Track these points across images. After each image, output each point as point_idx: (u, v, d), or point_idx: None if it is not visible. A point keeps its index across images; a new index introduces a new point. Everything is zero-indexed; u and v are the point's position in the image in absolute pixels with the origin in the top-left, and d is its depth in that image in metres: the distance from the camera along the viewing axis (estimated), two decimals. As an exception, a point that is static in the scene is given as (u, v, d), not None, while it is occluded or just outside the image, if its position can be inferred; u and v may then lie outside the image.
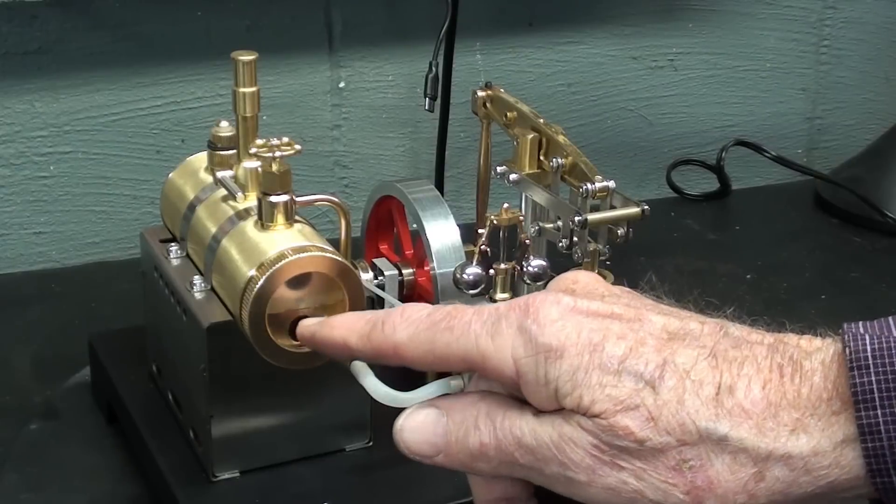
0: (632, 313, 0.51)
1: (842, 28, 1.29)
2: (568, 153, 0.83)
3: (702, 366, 0.48)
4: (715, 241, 1.13)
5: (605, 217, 0.79)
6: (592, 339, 0.49)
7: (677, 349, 0.49)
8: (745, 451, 0.47)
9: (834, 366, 0.48)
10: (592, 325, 0.50)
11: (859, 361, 0.46)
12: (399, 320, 0.53)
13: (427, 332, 0.52)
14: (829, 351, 0.49)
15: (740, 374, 0.48)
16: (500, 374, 0.50)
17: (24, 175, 1.04)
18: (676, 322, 0.50)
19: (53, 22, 1.01)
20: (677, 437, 0.48)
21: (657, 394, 0.48)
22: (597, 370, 0.48)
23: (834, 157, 1.29)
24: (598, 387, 0.48)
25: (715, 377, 0.48)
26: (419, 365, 0.53)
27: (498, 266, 0.75)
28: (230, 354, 0.66)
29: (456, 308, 0.52)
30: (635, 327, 0.50)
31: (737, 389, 0.48)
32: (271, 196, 0.65)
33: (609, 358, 0.49)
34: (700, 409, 0.48)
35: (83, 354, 0.83)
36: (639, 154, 1.25)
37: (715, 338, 0.50)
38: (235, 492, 0.68)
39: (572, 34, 1.18)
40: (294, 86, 1.10)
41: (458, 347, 0.51)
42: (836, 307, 0.99)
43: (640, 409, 0.48)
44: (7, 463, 0.76)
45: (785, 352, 0.49)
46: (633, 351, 0.49)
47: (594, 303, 0.51)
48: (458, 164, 1.15)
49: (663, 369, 0.48)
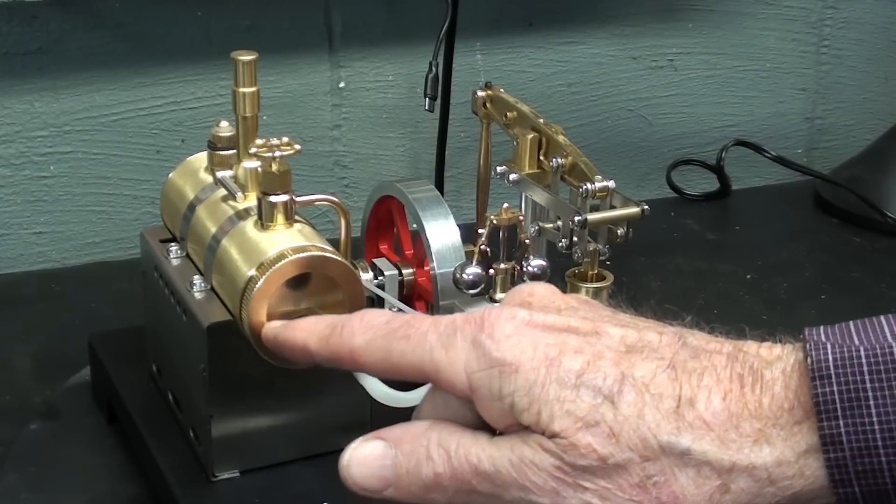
0: (589, 326, 0.50)
1: (842, 28, 1.29)
2: (568, 153, 0.83)
3: (661, 378, 0.48)
4: (715, 241, 1.13)
5: (605, 217, 0.79)
6: (549, 353, 0.49)
7: (636, 362, 0.48)
8: (708, 463, 0.47)
9: (795, 375, 0.47)
10: (548, 340, 0.49)
11: (821, 371, 0.46)
12: (358, 325, 0.53)
13: (383, 339, 0.52)
14: (789, 360, 0.48)
15: (700, 385, 0.48)
16: (453, 387, 0.50)
17: (24, 175, 1.04)
18: (634, 334, 0.50)
19: (53, 22, 1.01)
20: (639, 452, 0.47)
21: (617, 409, 0.47)
22: (554, 384, 0.48)
23: (834, 157, 1.29)
24: (556, 402, 0.48)
25: (675, 390, 0.48)
26: (374, 372, 0.53)
27: (498, 266, 0.75)
28: (230, 354, 0.66)
29: (415, 317, 0.52)
30: (592, 340, 0.49)
31: (697, 401, 0.47)
32: (271, 196, 0.65)
33: (566, 372, 0.48)
34: (661, 423, 0.47)
35: (83, 354, 0.83)
36: (639, 154, 1.25)
37: (673, 349, 0.49)
38: (235, 492, 0.68)
39: (572, 34, 1.19)
40: (294, 86, 1.10)
41: (413, 357, 0.51)
42: (836, 307, 0.99)
43: (601, 425, 0.47)
44: (7, 463, 0.76)
45: (745, 361, 0.48)
46: (590, 365, 0.48)
47: (550, 316, 0.50)
48: (458, 164, 1.15)
49: (622, 383, 0.48)
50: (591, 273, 0.80)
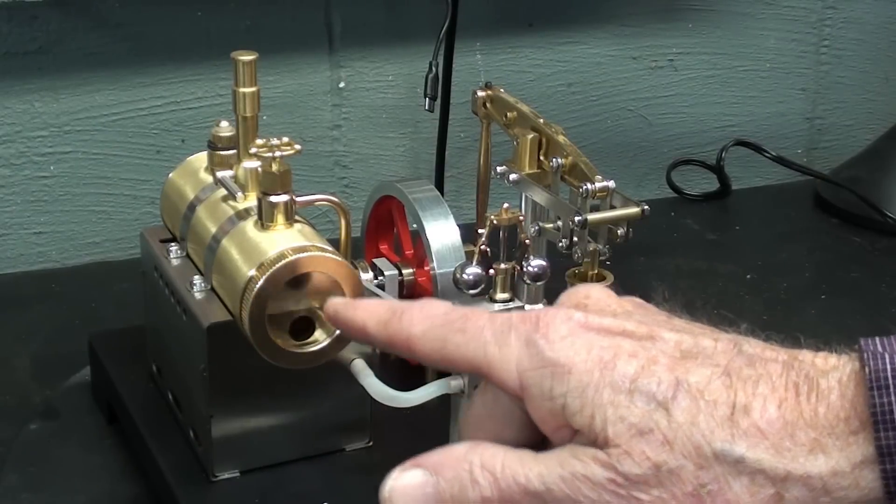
0: (644, 330, 0.50)
1: (842, 28, 1.29)
2: (568, 153, 0.83)
3: (716, 385, 0.47)
4: (715, 241, 1.13)
5: (605, 217, 0.79)
6: (603, 356, 0.48)
7: (690, 368, 0.48)
8: (762, 472, 0.46)
9: (851, 384, 0.47)
10: (603, 343, 0.49)
11: (879, 381, 0.45)
12: (417, 314, 0.52)
13: (441, 329, 0.51)
14: (845, 369, 0.47)
15: (755, 393, 0.47)
16: (504, 385, 0.50)
17: (24, 175, 1.04)
18: (689, 339, 0.49)
19: (53, 22, 1.01)
20: (693, 460, 0.46)
21: (671, 415, 0.47)
22: (608, 388, 0.47)
23: (834, 157, 1.29)
24: (609, 406, 0.47)
25: (729, 397, 0.47)
26: (429, 361, 0.53)
27: (498, 266, 0.75)
28: (230, 354, 0.66)
29: (473, 311, 0.52)
30: (647, 345, 0.49)
31: (752, 409, 0.47)
32: (271, 196, 0.65)
33: (620, 376, 0.48)
34: (715, 431, 0.46)
35: (83, 354, 0.83)
36: (639, 154, 1.25)
37: (729, 356, 0.49)
38: (235, 492, 0.68)
39: (572, 34, 1.18)
40: (294, 86, 1.10)
41: (467, 351, 0.51)
42: (836, 307, 0.99)
43: (655, 432, 0.47)
44: (7, 463, 0.76)
45: (800, 370, 0.48)
46: (644, 370, 0.48)
47: (605, 319, 0.50)
48: (458, 164, 1.15)
49: (676, 389, 0.47)
50: (591, 273, 0.79)
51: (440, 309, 0.52)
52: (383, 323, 0.54)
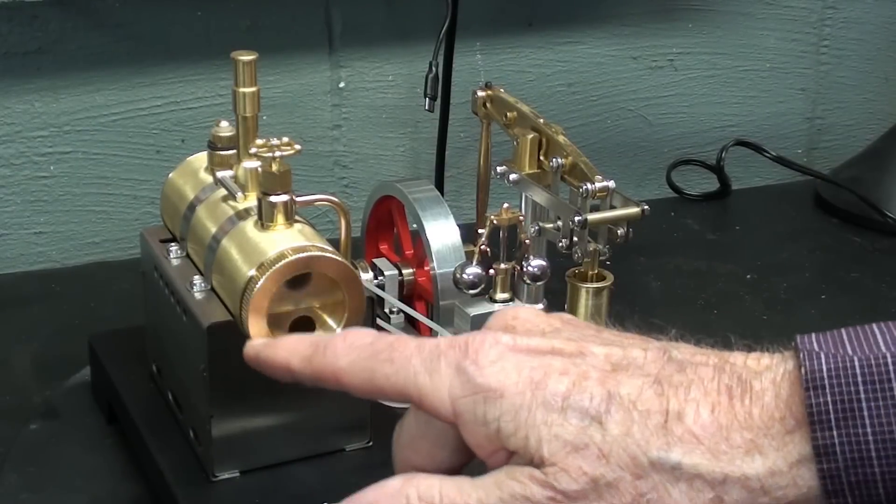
0: (573, 347, 0.50)
1: (842, 28, 1.29)
2: (568, 153, 0.83)
3: (647, 395, 0.47)
4: (715, 241, 1.13)
5: (605, 217, 0.79)
6: (534, 376, 0.48)
7: (622, 380, 0.48)
8: (700, 476, 0.46)
9: (786, 384, 0.47)
10: (533, 363, 0.49)
11: (815, 381, 0.45)
12: (341, 346, 0.52)
13: (367, 360, 0.51)
14: (778, 369, 0.47)
15: (687, 398, 0.47)
16: (437, 413, 0.50)
17: (24, 175, 1.04)
18: (619, 351, 0.49)
19: (53, 22, 1.01)
20: (630, 470, 0.46)
21: (605, 429, 0.47)
22: (540, 408, 0.48)
23: (834, 157, 1.29)
24: (543, 426, 0.47)
25: (662, 405, 0.47)
26: (359, 393, 0.52)
27: (498, 266, 0.75)
28: (230, 354, 0.66)
29: (399, 339, 0.52)
30: (577, 361, 0.49)
31: (685, 415, 0.47)
32: (271, 196, 0.65)
33: (552, 395, 0.48)
34: (650, 440, 0.47)
35: (83, 354, 0.83)
36: (639, 154, 1.25)
37: (659, 364, 0.49)
38: (235, 492, 0.68)
39: (572, 34, 1.19)
40: (294, 86, 1.10)
41: (397, 381, 0.50)
42: (836, 307, 0.99)
43: (590, 447, 0.47)
44: (7, 463, 0.76)
45: (732, 372, 0.48)
46: (576, 386, 0.48)
47: (534, 339, 0.50)
48: (458, 164, 1.15)
49: (609, 402, 0.47)
50: (591, 273, 0.79)
51: (365, 339, 0.52)
52: (307, 359, 0.53)
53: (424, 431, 0.53)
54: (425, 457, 0.53)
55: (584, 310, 0.78)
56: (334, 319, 0.65)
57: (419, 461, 0.54)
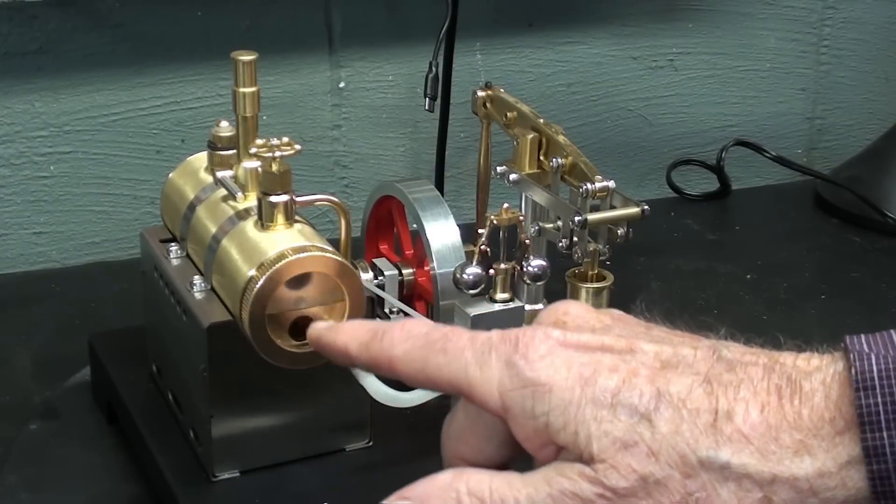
0: (623, 344, 0.50)
1: (842, 28, 1.29)
2: (568, 153, 0.83)
3: (697, 393, 0.47)
4: (715, 241, 1.13)
5: (604, 217, 0.79)
6: (583, 372, 0.48)
7: (671, 378, 0.48)
8: (749, 476, 0.46)
9: (835, 385, 0.47)
10: (583, 359, 0.49)
11: (865, 382, 0.45)
12: (398, 334, 0.53)
13: (422, 349, 0.52)
14: (828, 370, 0.47)
15: (737, 398, 0.47)
16: (486, 405, 0.50)
17: (24, 175, 1.04)
18: (669, 349, 0.49)
19: (53, 22, 1.01)
20: (679, 469, 0.47)
21: (654, 427, 0.47)
22: (590, 404, 0.48)
23: (834, 157, 1.29)
24: (592, 422, 0.47)
25: (711, 404, 0.47)
26: (411, 382, 0.53)
27: (498, 266, 0.75)
28: (230, 354, 0.66)
29: (454, 331, 0.52)
30: (627, 358, 0.49)
31: (735, 414, 0.47)
32: (271, 196, 0.65)
33: (602, 391, 0.48)
34: (699, 438, 0.47)
35: (83, 354, 0.83)
36: (639, 154, 1.25)
37: (709, 362, 0.49)
38: (235, 492, 0.68)
39: (572, 34, 1.19)
40: (294, 86, 1.10)
41: (448, 372, 0.51)
42: (836, 307, 0.99)
43: (640, 444, 0.47)
44: (7, 463, 0.76)
45: (782, 372, 0.48)
46: (625, 383, 0.48)
47: (584, 335, 0.50)
48: (458, 164, 1.15)
49: (658, 400, 0.47)
50: (591, 273, 0.79)
51: (421, 329, 0.52)
52: (365, 345, 0.54)
53: (473, 425, 0.53)
54: (474, 450, 0.53)
55: (584, 310, 0.78)
56: (334, 319, 0.65)
57: (468, 454, 0.54)
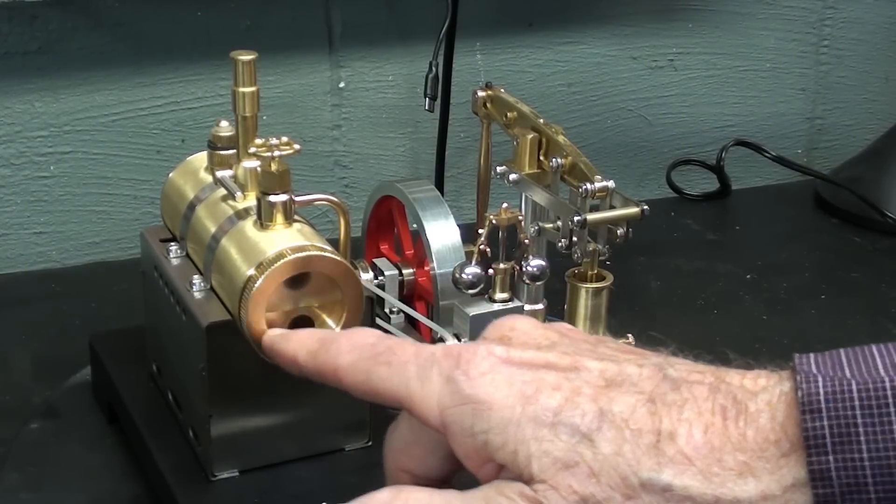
0: (567, 361, 0.49)
1: (842, 28, 1.29)
2: (568, 153, 0.83)
3: (640, 413, 0.47)
4: (715, 241, 1.13)
5: (604, 217, 0.79)
6: (525, 391, 0.48)
7: (614, 397, 0.47)
8: (691, 498, 0.45)
9: (781, 406, 0.46)
10: (525, 377, 0.48)
11: (811, 405, 0.44)
12: (345, 344, 0.53)
13: (367, 361, 0.51)
14: (774, 391, 0.46)
15: (680, 418, 0.46)
16: (426, 420, 0.49)
17: (24, 175, 1.04)
18: (614, 367, 0.49)
19: (53, 22, 1.01)
20: (621, 490, 0.46)
21: (595, 447, 0.46)
22: (530, 423, 0.47)
23: (834, 157, 1.29)
24: (533, 441, 0.47)
25: (654, 424, 0.46)
26: (356, 393, 0.52)
27: (497, 266, 0.75)
28: (230, 354, 0.66)
29: (400, 344, 0.51)
30: (571, 376, 0.48)
31: (678, 435, 0.46)
32: (270, 196, 0.65)
33: (543, 410, 0.47)
34: (641, 459, 0.46)
35: (83, 354, 0.83)
36: (639, 154, 1.25)
37: (654, 381, 0.48)
38: (235, 491, 0.68)
39: (572, 34, 1.19)
40: (294, 86, 1.10)
41: (391, 384, 0.50)
42: (836, 307, 0.99)
43: (580, 465, 0.46)
44: (7, 463, 0.76)
45: (727, 392, 0.47)
46: (568, 402, 0.47)
47: (528, 352, 0.49)
48: (458, 164, 1.15)
49: (600, 420, 0.46)
50: (590, 273, 0.79)
51: (368, 340, 0.52)
52: (312, 354, 0.54)
53: (417, 437, 0.53)
54: (417, 462, 0.53)
55: (584, 310, 0.78)
56: (333, 319, 0.65)
57: (411, 466, 0.53)
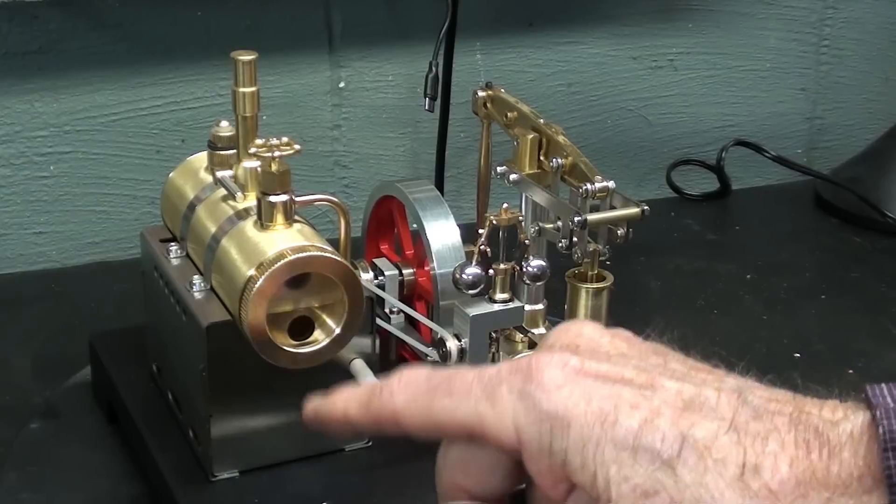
0: (643, 378, 0.47)
1: (842, 28, 1.29)
2: (568, 153, 0.83)
3: (723, 441, 0.45)
4: (715, 241, 1.13)
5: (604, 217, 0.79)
6: (603, 407, 0.46)
7: (695, 421, 0.45)
8: None
9: (864, 439, 0.44)
10: (602, 392, 0.46)
11: (893, 442, 0.43)
12: (397, 386, 0.50)
13: (425, 395, 0.49)
14: (856, 421, 0.45)
15: (765, 451, 0.44)
16: (501, 443, 0.47)
17: (24, 175, 1.04)
18: (692, 388, 0.47)
19: (53, 22, 1.01)
20: None
21: (677, 475, 0.44)
22: (610, 444, 0.45)
23: (834, 157, 1.29)
24: (612, 464, 0.45)
25: (738, 455, 0.44)
26: (420, 433, 0.50)
27: (497, 266, 0.75)
28: (230, 354, 0.66)
29: (457, 371, 0.49)
30: (648, 394, 0.46)
31: (763, 469, 0.44)
32: (271, 196, 0.65)
33: (624, 431, 0.45)
34: (725, 492, 0.44)
35: (83, 354, 0.83)
36: (639, 154, 1.25)
37: (733, 407, 0.46)
38: (235, 491, 0.68)
39: (572, 34, 1.19)
40: (294, 86, 1.10)
41: (457, 413, 0.48)
42: (836, 307, 0.99)
43: (661, 493, 0.44)
44: (7, 463, 0.76)
45: (808, 423, 0.45)
46: (647, 423, 0.45)
47: (603, 364, 0.47)
48: (458, 164, 1.15)
49: (682, 446, 0.45)
50: (591, 273, 0.79)
51: (420, 375, 0.50)
52: (364, 405, 0.51)
53: (475, 455, 0.50)
54: (475, 481, 0.51)
55: (584, 310, 0.78)
56: (333, 319, 0.65)
57: (468, 484, 0.51)
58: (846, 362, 0.90)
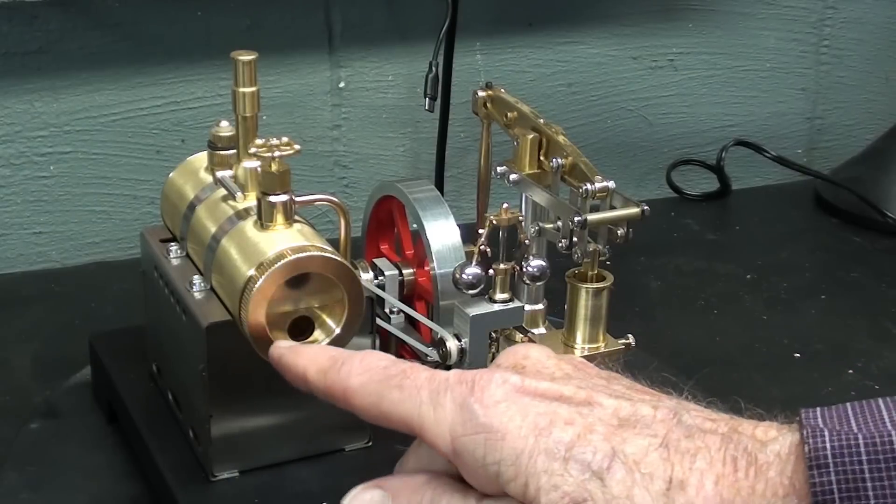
0: (582, 396, 0.49)
1: (842, 28, 1.29)
2: (568, 153, 0.83)
3: (653, 457, 0.46)
4: (715, 241, 1.13)
5: (604, 217, 0.79)
6: (538, 422, 0.47)
7: (627, 437, 0.47)
8: None
9: (791, 458, 0.45)
10: (539, 409, 0.48)
11: (818, 460, 0.44)
12: (357, 365, 0.52)
13: (378, 384, 0.51)
14: (785, 441, 0.46)
15: (692, 467, 0.46)
16: (437, 447, 0.49)
17: (24, 175, 1.04)
18: (628, 406, 0.48)
19: (53, 22, 1.01)
20: None
21: (605, 486, 0.46)
22: (542, 455, 0.47)
23: (834, 157, 1.29)
24: (543, 474, 0.46)
25: (666, 470, 0.46)
26: (365, 416, 0.52)
27: (497, 266, 0.75)
28: (230, 354, 0.66)
29: (412, 367, 0.51)
30: (584, 412, 0.48)
31: (688, 485, 0.45)
32: (271, 196, 0.65)
33: (556, 444, 0.47)
34: None
35: (83, 354, 0.83)
36: (639, 154, 1.25)
37: (667, 426, 0.47)
38: (235, 491, 0.68)
39: (572, 34, 1.19)
40: (294, 86, 1.10)
41: (402, 408, 0.50)
42: (836, 307, 0.99)
43: (588, 502, 0.46)
44: (7, 462, 0.76)
45: (739, 443, 0.47)
46: (580, 438, 0.47)
47: (542, 383, 0.49)
48: (458, 164, 1.15)
49: (612, 460, 0.46)
50: (590, 273, 0.79)
51: (380, 362, 0.52)
52: (322, 371, 0.53)
53: (429, 464, 0.52)
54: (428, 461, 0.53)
55: (584, 310, 0.78)
56: (334, 319, 0.65)
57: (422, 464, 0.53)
58: (846, 362, 0.90)
